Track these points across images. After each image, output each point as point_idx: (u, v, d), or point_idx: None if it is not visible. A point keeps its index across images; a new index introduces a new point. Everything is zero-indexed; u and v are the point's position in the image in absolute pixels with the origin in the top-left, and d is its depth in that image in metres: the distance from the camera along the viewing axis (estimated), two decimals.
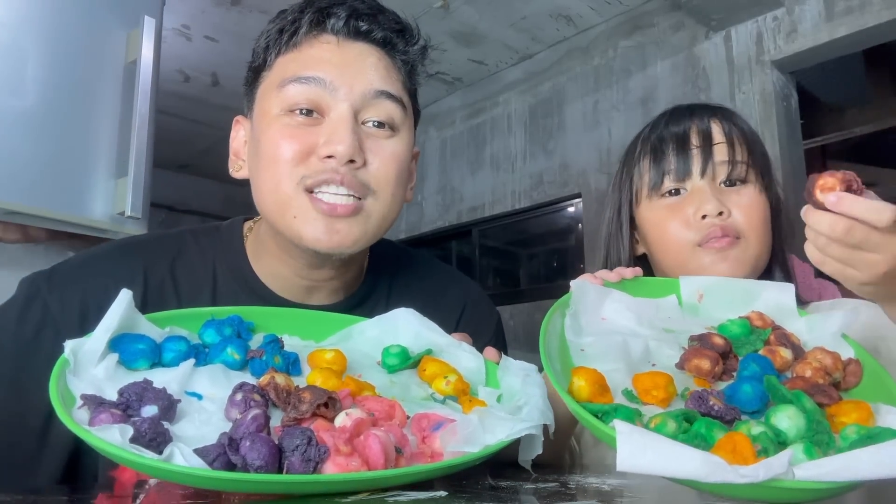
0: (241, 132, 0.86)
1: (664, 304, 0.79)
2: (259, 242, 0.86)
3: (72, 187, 1.68)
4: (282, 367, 0.65)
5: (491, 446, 0.57)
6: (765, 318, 0.73)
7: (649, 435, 0.46)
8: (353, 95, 0.75)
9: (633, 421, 0.51)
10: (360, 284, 0.90)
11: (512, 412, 0.63)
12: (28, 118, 1.60)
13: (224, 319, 0.70)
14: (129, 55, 1.82)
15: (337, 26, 0.77)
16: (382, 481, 0.50)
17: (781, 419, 0.51)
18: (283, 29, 0.78)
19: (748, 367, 0.63)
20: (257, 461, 0.47)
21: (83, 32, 1.74)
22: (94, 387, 0.55)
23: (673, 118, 0.98)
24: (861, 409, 0.54)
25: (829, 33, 2.90)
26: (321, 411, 0.53)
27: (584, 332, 0.70)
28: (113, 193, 1.76)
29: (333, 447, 0.49)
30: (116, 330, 0.61)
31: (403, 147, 0.80)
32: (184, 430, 0.53)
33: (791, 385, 0.59)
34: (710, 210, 0.89)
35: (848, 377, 0.64)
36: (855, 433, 0.50)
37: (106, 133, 1.76)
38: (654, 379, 0.58)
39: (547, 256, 4.35)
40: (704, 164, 0.91)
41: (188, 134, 4.93)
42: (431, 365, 0.72)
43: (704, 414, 0.53)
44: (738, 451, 0.45)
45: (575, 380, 0.57)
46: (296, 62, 0.77)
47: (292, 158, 0.74)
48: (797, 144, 3.20)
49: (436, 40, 0.87)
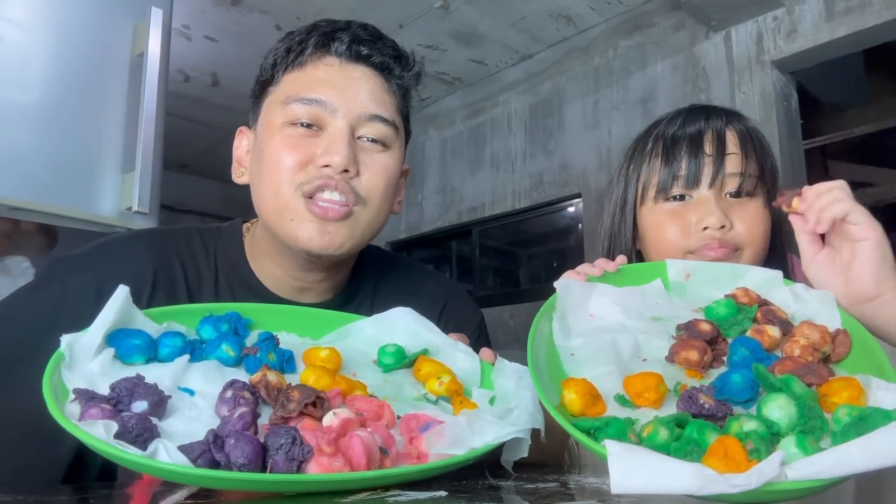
0: (244, 142, 0.92)
1: (650, 291, 0.78)
2: (255, 243, 0.91)
3: (79, 183, 1.65)
4: (276, 365, 0.65)
5: (477, 449, 0.57)
6: (750, 294, 0.73)
7: (641, 453, 0.46)
8: (351, 116, 0.82)
9: (625, 434, 0.51)
10: (346, 284, 0.95)
11: (502, 415, 0.63)
12: (34, 113, 1.58)
13: (222, 316, 0.70)
14: (136, 48, 1.77)
15: (340, 49, 0.84)
16: (363, 482, 0.50)
17: (772, 409, 0.51)
18: (290, 48, 0.85)
19: (737, 351, 0.64)
20: (241, 459, 0.47)
21: (89, 25, 1.70)
22: (89, 381, 0.55)
23: (689, 119, 0.97)
24: (852, 386, 0.55)
25: (829, 33, 2.90)
26: (309, 410, 0.54)
27: (573, 333, 0.70)
28: (120, 188, 1.73)
29: (317, 447, 0.49)
30: (113, 325, 0.61)
31: (394, 162, 0.86)
32: (173, 426, 0.53)
33: (780, 367, 0.59)
34: (712, 223, 0.88)
35: (837, 348, 0.64)
36: (847, 415, 0.50)
37: (112, 127, 1.72)
38: (645, 381, 0.59)
39: (547, 256, 4.35)
40: (715, 175, 0.90)
41: (188, 134, 4.93)
42: (426, 365, 0.72)
43: (696, 415, 0.53)
44: (730, 457, 0.46)
45: (565, 393, 0.57)
46: (301, 82, 0.83)
47: (292, 166, 0.80)
48: (797, 144, 3.20)
49: (436, 40, 0.90)
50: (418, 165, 4.74)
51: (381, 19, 3.58)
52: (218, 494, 0.52)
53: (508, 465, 0.64)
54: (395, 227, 4.85)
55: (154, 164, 1.77)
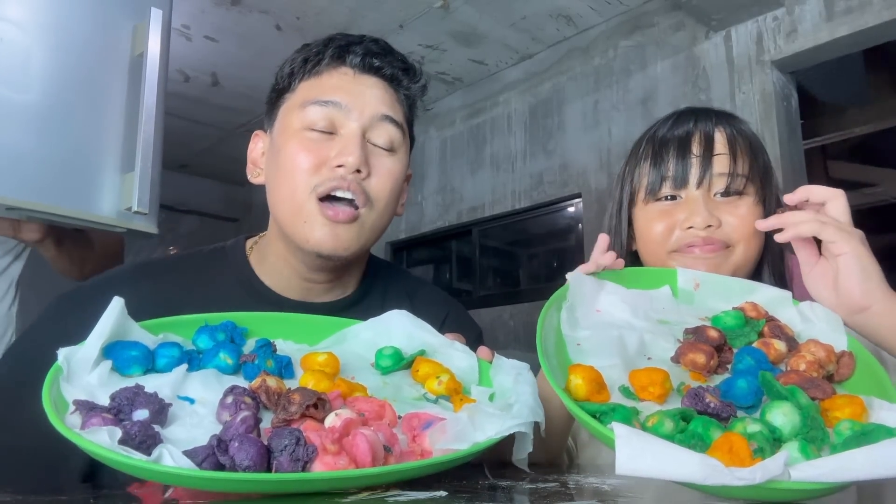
0: (260, 144, 0.98)
1: (658, 296, 0.79)
2: (263, 251, 0.96)
3: (78, 183, 1.66)
4: (274, 371, 0.65)
5: (480, 444, 0.57)
6: (759, 309, 0.74)
7: (647, 437, 0.46)
8: (363, 118, 0.88)
9: (630, 420, 0.51)
10: (357, 286, 0.99)
11: (502, 410, 0.63)
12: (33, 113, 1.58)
13: (217, 325, 0.70)
14: (136, 48, 1.76)
15: (354, 61, 0.90)
16: (369, 479, 0.50)
17: (776, 416, 0.52)
18: (307, 59, 0.91)
19: (743, 360, 0.64)
20: (245, 461, 0.47)
21: (88, 25, 1.70)
22: (88, 393, 0.55)
23: (678, 121, 0.98)
24: (854, 403, 0.55)
25: (830, 33, 2.90)
26: (310, 412, 0.54)
27: (581, 325, 0.71)
28: (120, 189, 1.75)
29: (321, 446, 0.49)
30: (109, 337, 0.61)
31: (400, 167, 0.92)
32: (175, 433, 0.53)
33: (785, 379, 0.59)
34: (698, 223, 0.89)
35: (841, 369, 0.64)
36: (849, 429, 0.51)
37: (112, 128, 1.73)
38: (651, 375, 0.59)
39: (547, 256, 4.35)
40: (702, 175, 0.92)
41: (188, 134, 4.94)
42: (424, 365, 0.72)
43: (701, 412, 0.54)
44: (734, 452, 0.46)
45: (572, 378, 0.57)
46: (317, 87, 0.89)
47: (307, 169, 0.85)
48: (797, 144, 3.20)
49: (436, 40, 0.94)
50: (418, 165, 4.74)
51: (381, 19, 3.58)
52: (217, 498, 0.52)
53: (524, 465, 0.64)
54: (396, 228, 4.85)
55: (154, 165, 1.78)
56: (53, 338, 0.77)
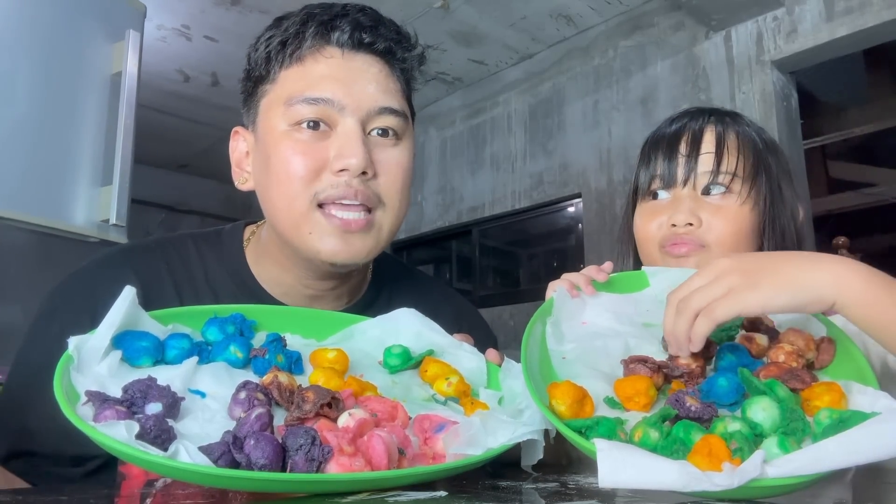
0: (242, 143, 0.86)
1: (642, 298, 0.80)
2: (261, 248, 0.86)
3: (57, 195, 1.75)
4: (284, 366, 0.65)
5: (493, 449, 0.57)
6: None
7: (629, 449, 0.48)
8: (360, 112, 0.78)
9: (615, 432, 0.53)
10: (363, 292, 0.92)
11: (513, 415, 0.63)
12: (15, 127, 1.66)
13: (227, 317, 0.69)
14: (115, 67, 1.90)
15: (342, 39, 0.78)
16: (386, 482, 0.50)
17: (756, 411, 0.53)
18: (285, 41, 0.78)
19: (725, 357, 0.65)
20: (261, 460, 0.47)
21: (70, 44, 1.82)
22: (98, 384, 0.55)
23: (674, 121, 1.00)
24: (833, 390, 0.56)
25: (829, 33, 2.90)
26: (324, 411, 0.53)
27: (566, 338, 0.71)
28: (97, 201, 1.82)
29: (337, 447, 0.49)
30: (120, 327, 0.60)
31: (407, 155, 0.83)
32: (188, 427, 0.53)
33: (766, 372, 0.60)
34: (679, 220, 0.90)
35: (821, 355, 0.64)
36: (827, 418, 0.52)
37: (91, 142, 1.83)
38: (635, 385, 0.60)
39: (547, 256, 4.35)
40: (687, 174, 0.92)
41: (188, 134, 4.93)
42: (433, 366, 0.72)
43: (682, 417, 0.55)
44: (713, 454, 0.47)
45: (552, 402, 0.57)
46: (302, 80, 0.77)
47: (305, 175, 0.76)
48: (797, 144, 3.20)
49: (436, 40, 0.90)
50: (418, 165, 4.74)
51: None
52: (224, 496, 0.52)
53: (530, 470, 0.64)
54: None
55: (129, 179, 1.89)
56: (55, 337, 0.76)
